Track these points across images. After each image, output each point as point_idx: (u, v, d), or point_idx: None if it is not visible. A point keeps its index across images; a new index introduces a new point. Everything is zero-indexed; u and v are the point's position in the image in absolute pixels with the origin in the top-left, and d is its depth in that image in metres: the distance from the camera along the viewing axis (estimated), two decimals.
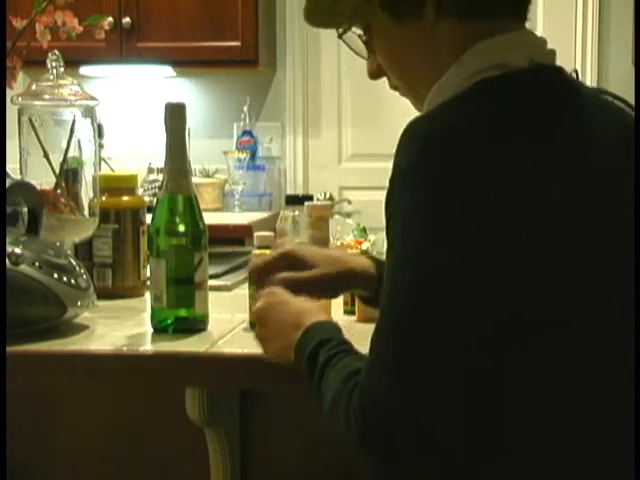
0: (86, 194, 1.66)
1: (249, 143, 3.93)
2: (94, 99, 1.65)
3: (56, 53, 1.64)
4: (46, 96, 1.62)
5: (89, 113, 1.65)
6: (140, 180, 3.22)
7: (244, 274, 1.84)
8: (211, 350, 1.35)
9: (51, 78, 1.63)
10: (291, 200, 1.81)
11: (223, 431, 1.53)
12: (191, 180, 1.44)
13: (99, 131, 1.85)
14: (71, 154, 1.64)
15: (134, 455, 1.65)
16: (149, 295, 1.47)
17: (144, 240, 1.72)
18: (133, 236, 1.74)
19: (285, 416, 1.60)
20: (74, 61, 2.73)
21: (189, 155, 1.45)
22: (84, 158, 1.65)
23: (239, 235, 3.25)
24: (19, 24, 1.78)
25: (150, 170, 3.73)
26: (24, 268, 1.37)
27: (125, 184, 1.78)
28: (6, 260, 1.36)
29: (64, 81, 1.63)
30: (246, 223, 3.44)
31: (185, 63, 3.75)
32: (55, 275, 1.40)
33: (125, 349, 1.37)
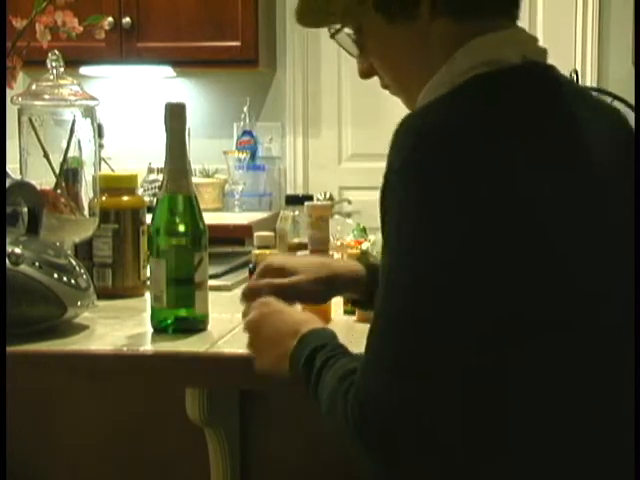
0: (86, 194, 1.67)
1: (249, 143, 3.93)
2: (94, 99, 1.65)
3: (56, 53, 1.64)
4: (46, 96, 1.62)
5: (89, 113, 1.65)
6: (140, 180, 3.22)
7: (244, 274, 1.84)
8: (211, 350, 1.35)
9: (51, 78, 1.63)
10: (291, 200, 1.81)
11: (223, 431, 1.52)
12: (191, 180, 1.45)
13: (99, 131, 1.85)
14: (71, 154, 1.64)
15: (134, 455, 1.65)
16: (149, 295, 1.47)
17: (144, 240, 1.72)
18: (133, 236, 1.74)
19: (285, 416, 1.59)
20: (74, 61, 2.72)
21: (189, 155, 1.45)
22: (84, 158, 1.66)
23: (239, 235, 3.25)
24: (19, 24, 1.78)
25: (150, 170, 3.73)
26: (24, 268, 1.38)
27: (125, 184, 1.78)
28: (6, 260, 1.36)
29: (64, 81, 1.64)
30: (246, 223, 3.44)
31: (185, 63, 3.74)
32: (55, 275, 1.40)
33: (125, 349, 1.37)
